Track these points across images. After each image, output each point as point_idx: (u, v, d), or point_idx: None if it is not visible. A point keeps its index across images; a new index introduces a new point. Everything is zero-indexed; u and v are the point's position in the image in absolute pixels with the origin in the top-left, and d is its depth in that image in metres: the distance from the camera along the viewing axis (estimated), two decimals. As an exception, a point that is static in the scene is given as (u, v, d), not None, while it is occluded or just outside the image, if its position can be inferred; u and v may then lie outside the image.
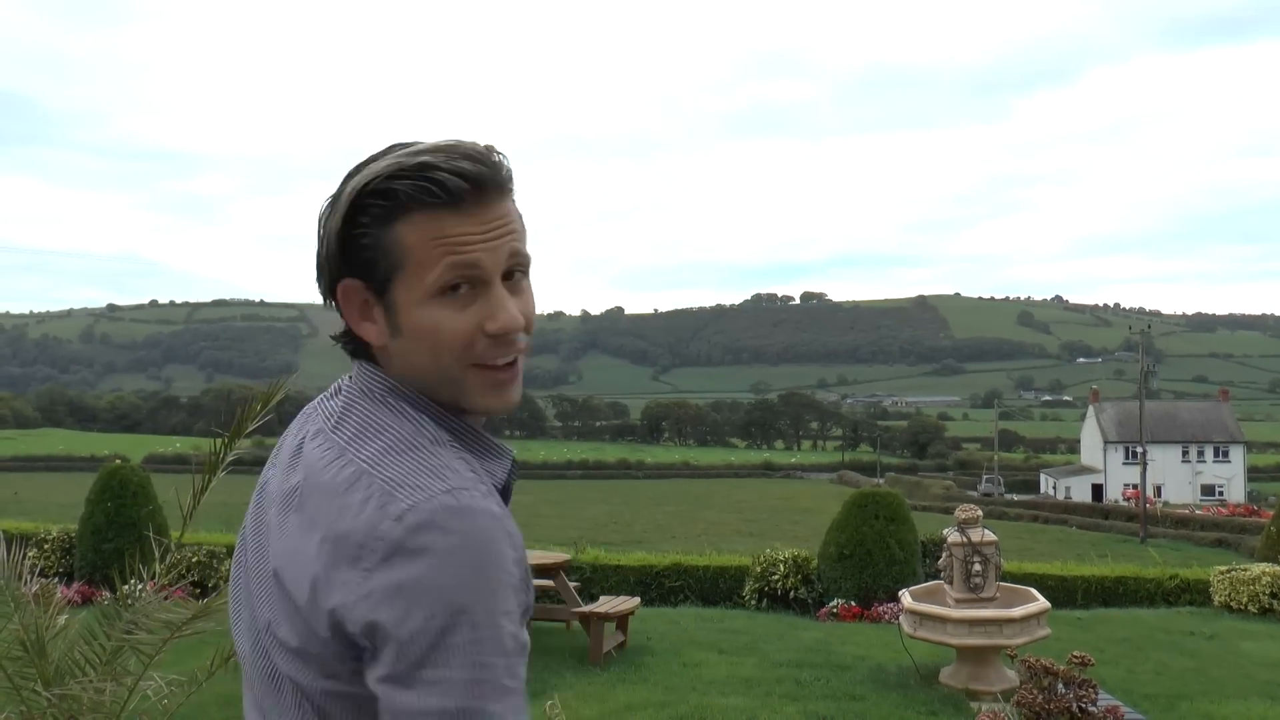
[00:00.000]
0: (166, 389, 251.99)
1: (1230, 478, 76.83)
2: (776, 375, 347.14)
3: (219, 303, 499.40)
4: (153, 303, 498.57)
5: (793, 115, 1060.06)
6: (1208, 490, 75.02)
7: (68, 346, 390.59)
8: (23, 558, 3.73)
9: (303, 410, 1.22)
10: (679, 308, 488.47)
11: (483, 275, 1.08)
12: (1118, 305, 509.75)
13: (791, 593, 11.97)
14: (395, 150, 1.10)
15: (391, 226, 1.07)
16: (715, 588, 13.05)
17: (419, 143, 1.11)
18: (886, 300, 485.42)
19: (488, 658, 0.97)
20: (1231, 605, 12.43)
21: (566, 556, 10.64)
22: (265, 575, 1.10)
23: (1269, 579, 12.25)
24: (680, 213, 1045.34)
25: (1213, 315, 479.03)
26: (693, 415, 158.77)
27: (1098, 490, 76.07)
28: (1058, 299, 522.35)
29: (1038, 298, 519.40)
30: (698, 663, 8.64)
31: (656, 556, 14.11)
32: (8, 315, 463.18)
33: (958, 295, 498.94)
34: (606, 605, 9.02)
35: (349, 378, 1.18)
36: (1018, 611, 7.65)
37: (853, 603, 11.39)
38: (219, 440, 3.62)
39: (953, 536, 8.05)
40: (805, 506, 52.85)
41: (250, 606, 1.14)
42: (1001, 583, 8.26)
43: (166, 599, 3.70)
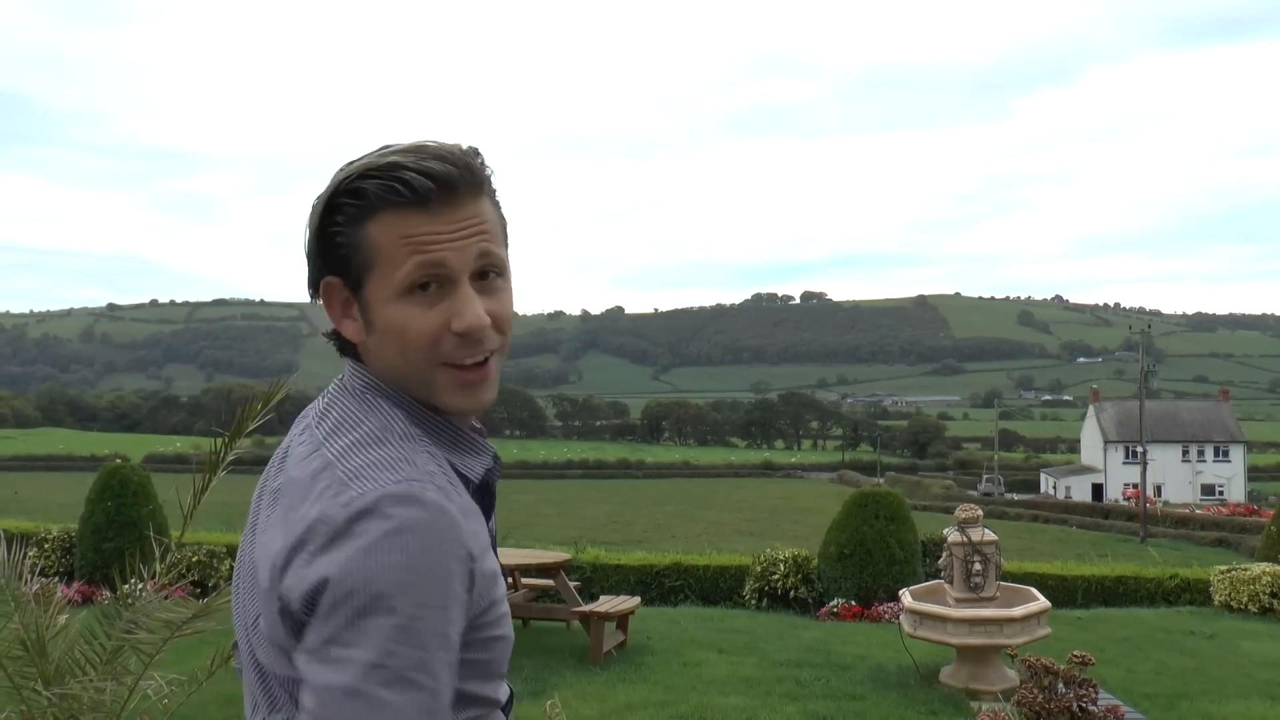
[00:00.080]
0: (167, 388, 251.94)
1: (1230, 477, 76.86)
2: (777, 375, 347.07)
3: (219, 302, 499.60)
4: (153, 302, 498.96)
5: (793, 115, 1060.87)
6: (1208, 490, 75.05)
7: (68, 346, 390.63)
8: (23, 557, 3.73)
9: (303, 410, 1.25)
10: (679, 307, 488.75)
11: (449, 274, 1.10)
12: (1118, 305, 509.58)
13: (792, 592, 11.97)
14: (380, 151, 1.13)
15: (363, 225, 1.10)
16: (715, 587, 13.06)
17: (398, 143, 1.13)
18: (887, 300, 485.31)
19: (398, 646, 0.98)
20: (1231, 605, 12.44)
21: (567, 556, 10.66)
22: (250, 568, 1.14)
23: (1269, 579, 12.26)
24: (680, 212, 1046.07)
25: (1213, 315, 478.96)
26: (693, 415, 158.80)
27: (1098, 490, 76.10)
28: (1058, 299, 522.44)
29: (1038, 297, 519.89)
30: (698, 662, 8.65)
31: (657, 556, 14.11)
32: (8, 314, 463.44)
33: (958, 295, 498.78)
34: (607, 605, 9.03)
35: (341, 376, 1.21)
36: (1018, 611, 7.65)
37: (853, 602, 11.40)
38: (219, 440, 3.62)
39: (953, 536, 8.05)
40: (805, 506, 52.88)
41: (240, 600, 1.17)
42: (1002, 582, 8.26)
43: (167, 598, 3.70)
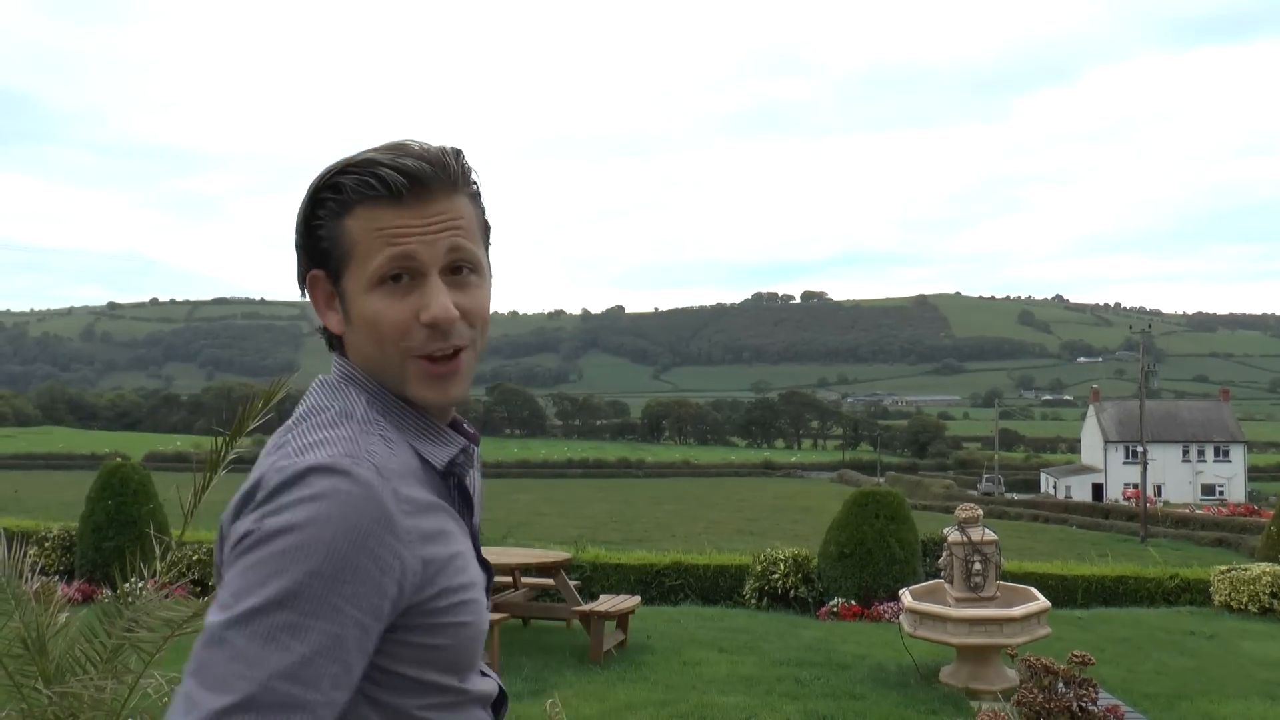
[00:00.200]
0: (167, 387, 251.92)
1: (1230, 477, 76.83)
2: (777, 374, 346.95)
3: (220, 301, 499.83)
4: (153, 301, 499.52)
5: (793, 114, 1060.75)
6: (1208, 490, 75.03)
7: (68, 344, 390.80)
8: (23, 555, 3.72)
9: None
10: (679, 306, 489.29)
11: (419, 266, 1.13)
12: (1118, 305, 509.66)
13: (792, 592, 11.97)
14: (363, 150, 1.18)
15: (342, 220, 1.14)
16: (715, 586, 13.06)
17: (382, 144, 1.18)
18: (887, 299, 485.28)
19: (277, 606, 0.98)
20: (1232, 605, 12.44)
21: (567, 555, 10.66)
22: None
23: (1269, 579, 12.26)
24: (681, 212, 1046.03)
25: (1213, 315, 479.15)
26: (693, 414, 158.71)
27: (1098, 490, 76.08)
28: (1058, 298, 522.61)
29: (1038, 297, 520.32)
30: (698, 661, 8.64)
31: (657, 555, 14.10)
32: (8, 313, 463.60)
33: (958, 294, 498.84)
34: (607, 604, 9.03)
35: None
36: (1018, 611, 7.65)
37: (853, 602, 11.40)
38: (220, 438, 3.61)
39: (953, 535, 8.05)
40: (805, 505, 52.87)
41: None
42: (1002, 582, 8.26)
43: (167, 597, 3.70)
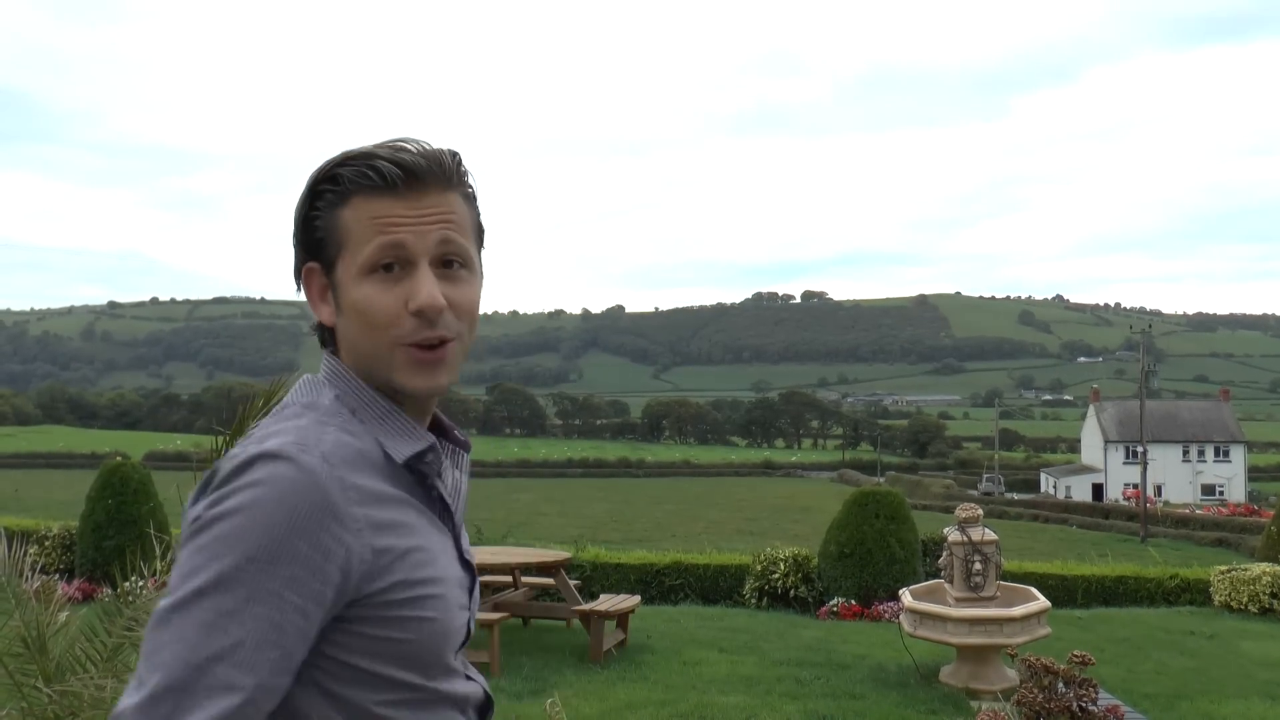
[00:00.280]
0: (167, 386, 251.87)
1: (1231, 477, 76.82)
2: (777, 374, 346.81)
3: (220, 300, 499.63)
4: (153, 300, 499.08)
5: (794, 114, 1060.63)
6: (1208, 490, 75.01)
7: (68, 344, 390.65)
8: (24, 554, 3.73)
9: None
10: (680, 306, 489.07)
11: (409, 255, 1.15)
12: (1118, 305, 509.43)
13: (792, 591, 11.97)
14: (370, 145, 1.20)
15: (338, 210, 1.16)
16: (715, 586, 13.06)
17: (382, 141, 1.20)
18: (887, 299, 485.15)
19: (211, 589, 1.00)
20: (1232, 605, 12.44)
21: (567, 555, 10.65)
22: None
23: (1269, 579, 12.26)
24: (681, 211, 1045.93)
25: (1213, 315, 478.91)
26: (693, 414, 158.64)
27: (1098, 490, 76.07)
28: (1058, 298, 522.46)
29: (1038, 297, 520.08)
30: (698, 661, 8.65)
31: (657, 555, 14.11)
32: (9, 312, 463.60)
33: (958, 294, 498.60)
34: (607, 603, 9.03)
35: None
36: (1018, 610, 7.65)
37: (853, 601, 11.40)
38: (220, 438, 3.61)
39: (953, 535, 8.05)
40: (805, 505, 52.87)
41: None
42: (1002, 582, 8.27)
43: (167, 596, 3.69)
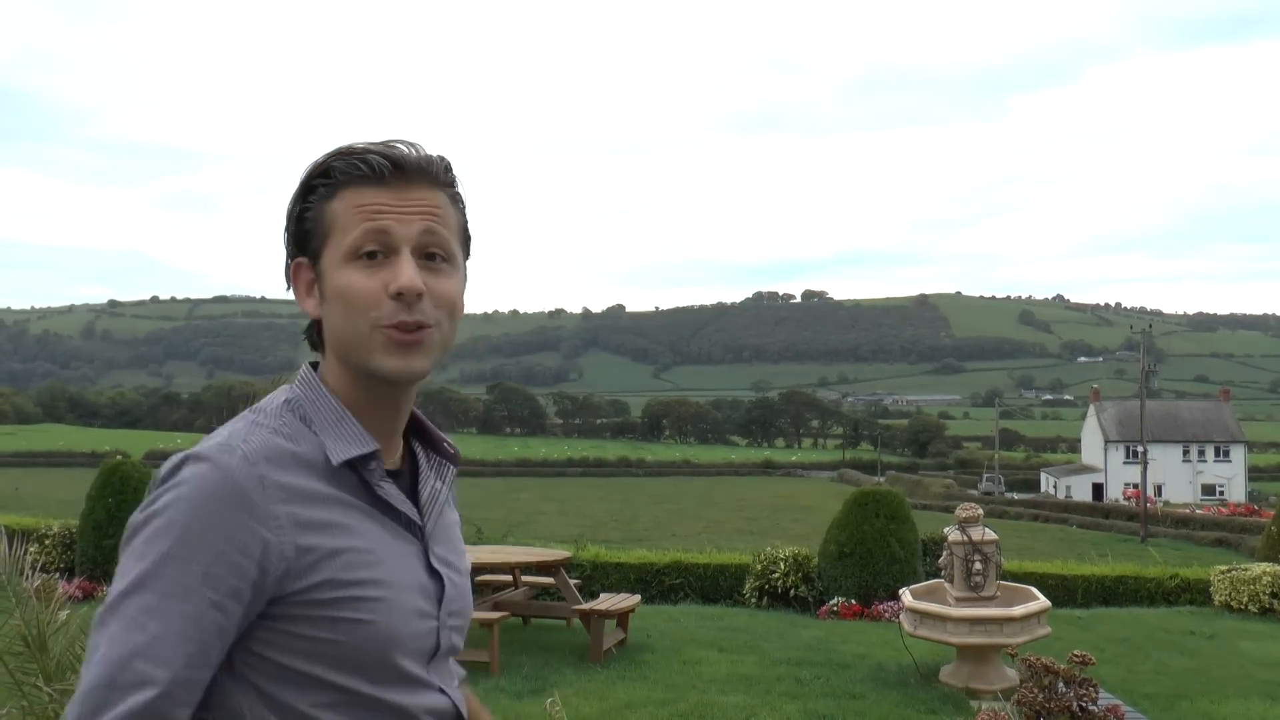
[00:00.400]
0: (167, 385, 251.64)
1: (1231, 477, 76.81)
2: (777, 373, 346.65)
3: (220, 299, 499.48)
4: (154, 299, 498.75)
5: (794, 114, 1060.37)
6: (1208, 490, 75.01)
7: (69, 342, 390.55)
8: (24, 553, 3.73)
9: None
10: (680, 305, 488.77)
11: (391, 242, 1.18)
12: (1119, 305, 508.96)
13: (792, 591, 11.97)
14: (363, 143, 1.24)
15: (329, 202, 1.20)
16: (716, 586, 13.06)
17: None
18: (888, 299, 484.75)
19: (134, 588, 1.05)
20: (1232, 605, 12.44)
21: (567, 554, 10.64)
22: None
23: (1269, 579, 12.26)
24: (682, 211, 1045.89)
25: (1214, 315, 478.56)
26: (693, 413, 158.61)
27: (1098, 489, 76.06)
28: (1059, 298, 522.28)
29: (1039, 297, 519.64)
30: (698, 660, 8.64)
31: (657, 554, 14.10)
32: (9, 311, 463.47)
33: (959, 294, 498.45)
34: (607, 603, 9.03)
35: None
36: (1018, 610, 7.65)
37: (853, 601, 11.40)
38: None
39: (953, 535, 8.05)
40: (806, 505, 52.87)
41: None
42: (1002, 581, 8.26)
43: (168, 595, 3.69)
